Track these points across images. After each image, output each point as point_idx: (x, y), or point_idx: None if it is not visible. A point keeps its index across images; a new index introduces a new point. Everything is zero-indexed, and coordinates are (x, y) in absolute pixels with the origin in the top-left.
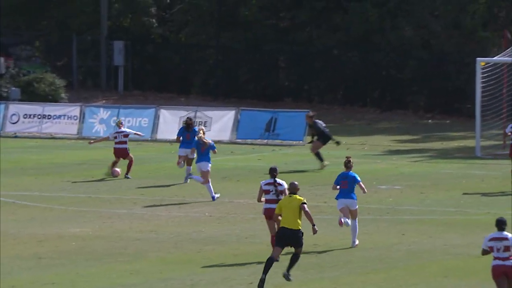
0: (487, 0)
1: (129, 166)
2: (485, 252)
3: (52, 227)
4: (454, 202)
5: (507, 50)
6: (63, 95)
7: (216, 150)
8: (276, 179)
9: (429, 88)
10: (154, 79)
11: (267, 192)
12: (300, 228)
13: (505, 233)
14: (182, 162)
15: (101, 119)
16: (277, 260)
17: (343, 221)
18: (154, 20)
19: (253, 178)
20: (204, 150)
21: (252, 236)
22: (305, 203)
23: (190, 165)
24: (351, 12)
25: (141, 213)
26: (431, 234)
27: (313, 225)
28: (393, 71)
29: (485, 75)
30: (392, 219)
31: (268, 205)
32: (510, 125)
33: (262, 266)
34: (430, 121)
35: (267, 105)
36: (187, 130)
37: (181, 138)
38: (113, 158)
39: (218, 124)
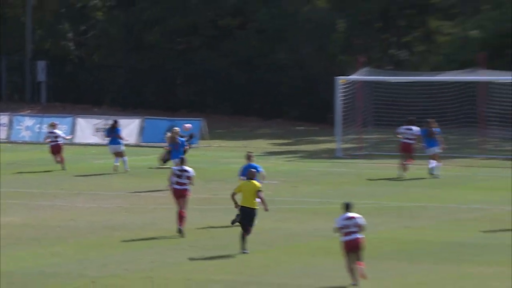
0: (345, 30)
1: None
2: (337, 230)
3: None
4: (320, 194)
5: (361, 70)
6: None
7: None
8: (183, 166)
9: (301, 101)
10: (72, 93)
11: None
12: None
13: (353, 214)
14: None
15: (26, 126)
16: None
17: None
18: (71, 44)
19: (154, 175)
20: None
21: (154, 224)
22: (261, 190)
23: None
24: (238, 38)
25: (61, 204)
26: (302, 221)
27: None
28: (272, 87)
29: (344, 90)
30: (271, 208)
31: (177, 186)
32: (402, 127)
33: (164, 248)
34: (302, 128)
35: (167, 115)
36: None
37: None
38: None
39: (126, 130)
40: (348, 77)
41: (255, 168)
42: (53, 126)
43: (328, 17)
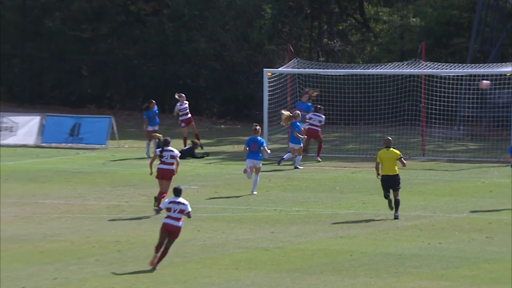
0: (271, 17)
1: None
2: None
3: None
4: (244, 200)
5: (290, 62)
6: None
7: None
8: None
9: (221, 96)
10: None
11: (161, 156)
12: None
13: (181, 199)
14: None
15: None
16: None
17: (247, 171)
18: None
19: (58, 180)
20: None
21: (57, 235)
22: (402, 157)
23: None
24: (149, 25)
25: None
26: (224, 230)
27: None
28: (189, 81)
29: (271, 84)
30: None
31: (162, 166)
32: (311, 114)
33: (67, 263)
34: (223, 126)
35: (72, 111)
36: None
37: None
38: None
39: (24, 129)
40: (276, 69)
41: (257, 141)
42: None
43: (252, 2)
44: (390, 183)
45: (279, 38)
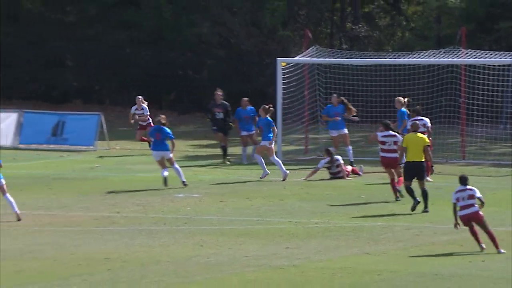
0: None
1: None
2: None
3: None
4: (255, 211)
5: (308, 50)
6: None
7: None
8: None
9: (228, 89)
10: None
11: (383, 143)
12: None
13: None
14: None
15: None
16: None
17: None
18: None
19: (38, 187)
20: None
21: (36, 251)
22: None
23: None
24: (144, 7)
25: None
26: (231, 245)
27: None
28: (190, 71)
29: (286, 75)
30: (190, 229)
31: (384, 154)
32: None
33: (49, 284)
34: (230, 124)
35: (54, 107)
36: None
37: None
38: None
39: None
40: (292, 58)
41: (162, 130)
42: None
43: None
44: (416, 171)
45: (295, 23)
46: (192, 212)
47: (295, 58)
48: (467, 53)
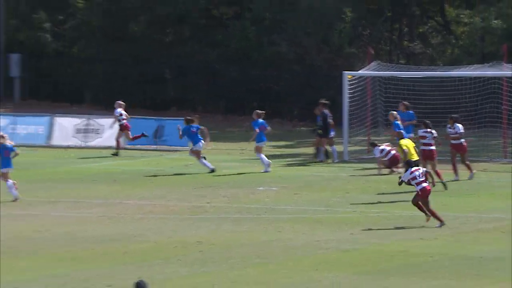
0: (352, 20)
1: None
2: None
3: None
4: (324, 202)
5: (370, 64)
6: None
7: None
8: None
9: (302, 99)
10: (49, 89)
11: (423, 137)
12: None
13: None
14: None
15: None
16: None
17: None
18: (48, 35)
19: (142, 181)
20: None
21: (140, 235)
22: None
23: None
24: (231, 29)
25: (36, 213)
26: (304, 231)
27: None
28: (270, 84)
29: (351, 86)
30: (269, 218)
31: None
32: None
33: (151, 262)
34: (303, 128)
35: (155, 114)
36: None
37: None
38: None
39: (109, 131)
40: (356, 72)
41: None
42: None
43: (333, 5)
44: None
45: (360, 42)
46: (271, 202)
47: (359, 72)
48: (508, 66)
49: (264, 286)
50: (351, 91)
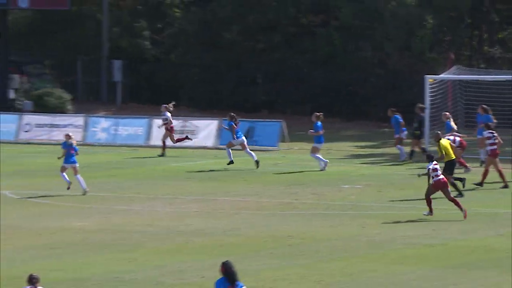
0: (433, 26)
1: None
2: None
3: (59, 221)
4: (407, 199)
5: (451, 69)
6: (69, 107)
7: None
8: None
9: (385, 101)
10: (148, 93)
11: (489, 138)
12: None
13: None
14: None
15: (102, 128)
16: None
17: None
18: (147, 42)
19: (235, 178)
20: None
21: (235, 229)
22: None
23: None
24: (319, 36)
25: (138, 209)
26: (388, 227)
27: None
28: (355, 87)
29: (432, 90)
30: (354, 214)
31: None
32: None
33: (244, 255)
34: (386, 129)
35: (246, 116)
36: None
37: None
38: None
39: (204, 132)
40: (438, 76)
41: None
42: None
43: (415, 13)
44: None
45: (440, 47)
46: (355, 199)
47: (441, 76)
48: None
49: (350, 278)
50: (432, 94)
